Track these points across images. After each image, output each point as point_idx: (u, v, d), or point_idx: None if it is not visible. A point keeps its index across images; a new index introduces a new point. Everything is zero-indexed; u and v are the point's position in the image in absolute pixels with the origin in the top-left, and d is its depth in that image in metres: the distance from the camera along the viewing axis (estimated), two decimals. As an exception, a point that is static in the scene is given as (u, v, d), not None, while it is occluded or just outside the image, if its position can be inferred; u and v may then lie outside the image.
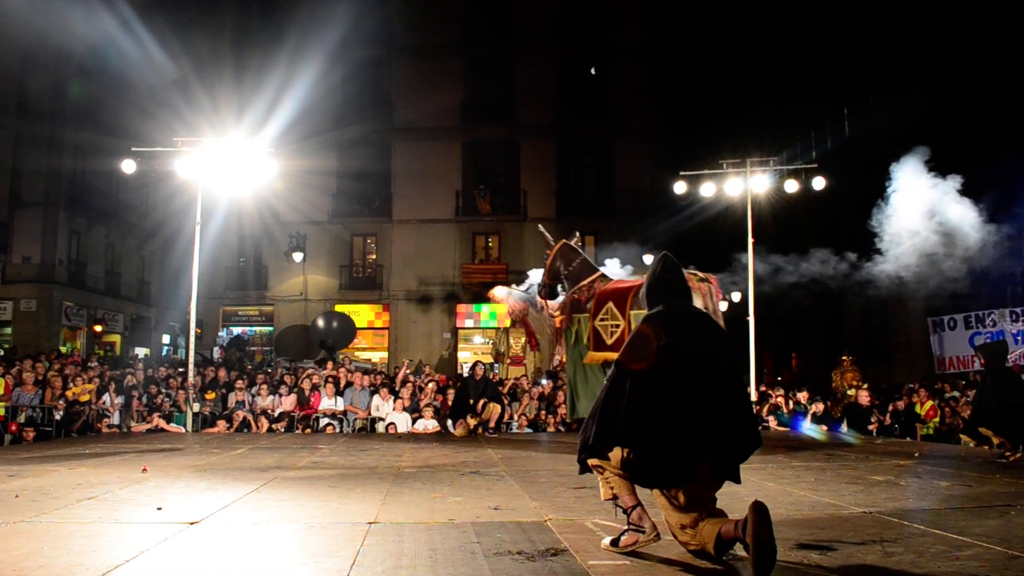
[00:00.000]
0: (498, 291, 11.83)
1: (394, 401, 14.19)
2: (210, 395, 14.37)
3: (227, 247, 27.09)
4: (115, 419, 13.52)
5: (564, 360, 10.74)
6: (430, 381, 15.68)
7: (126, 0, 21.58)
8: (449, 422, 13.38)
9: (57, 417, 12.81)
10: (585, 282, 10.20)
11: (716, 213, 17.80)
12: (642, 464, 3.96)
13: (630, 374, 4.00)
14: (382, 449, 10.08)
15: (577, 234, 11.24)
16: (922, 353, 22.23)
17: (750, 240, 15.31)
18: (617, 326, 9.64)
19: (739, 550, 3.76)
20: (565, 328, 10.25)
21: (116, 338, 28.72)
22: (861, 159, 23.18)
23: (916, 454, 9.47)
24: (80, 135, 24.52)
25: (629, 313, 9.65)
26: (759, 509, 3.48)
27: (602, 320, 9.77)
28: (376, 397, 14.30)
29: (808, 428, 14.06)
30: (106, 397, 13.61)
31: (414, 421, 13.77)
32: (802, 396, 14.75)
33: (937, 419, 13.87)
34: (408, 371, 17.05)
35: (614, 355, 9.60)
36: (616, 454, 4.05)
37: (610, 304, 9.76)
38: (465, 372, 17.33)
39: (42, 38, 23.57)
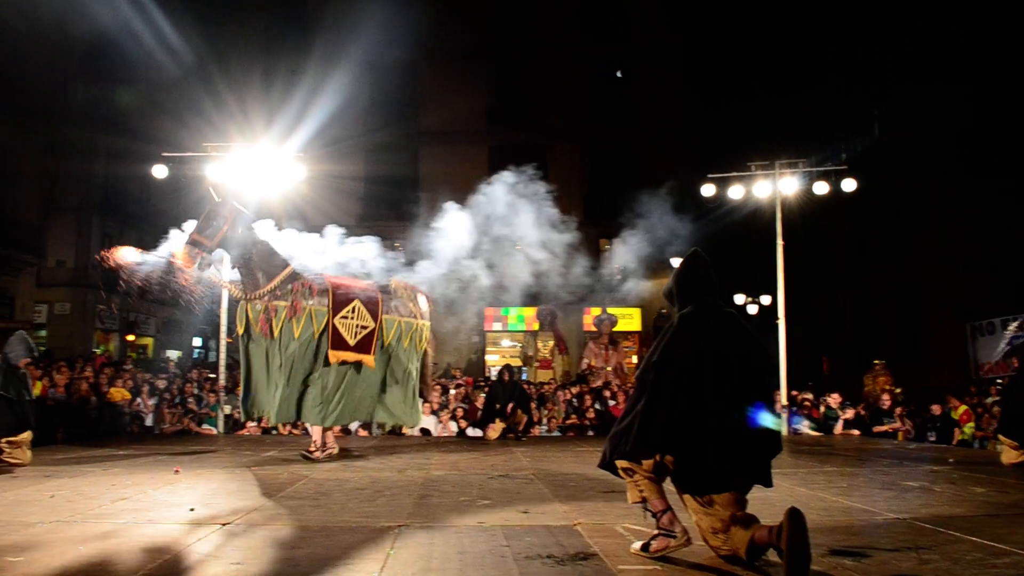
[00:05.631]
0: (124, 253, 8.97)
1: (422, 404, 14.20)
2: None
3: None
4: (148, 421, 13.67)
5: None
6: (457, 385, 15.71)
7: (157, 7, 21.85)
8: (472, 427, 13.40)
9: (91, 417, 13.00)
10: (288, 271, 9.03)
11: (745, 215, 17.69)
12: (683, 469, 3.95)
13: (668, 378, 3.97)
14: (411, 452, 10.11)
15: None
16: (957, 357, 21.95)
17: (779, 242, 15.18)
18: (364, 327, 9.27)
19: (772, 555, 3.73)
20: (295, 315, 8.87)
21: (148, 341, 29.06)
22: (892, 161, 22.96)
23: (951, 459, 9.34)
24: (112, 140, 24.85)
25: (382, 318, 9.45)
26: (795, 516, 3.45)
27: (344, 318, 9.14)
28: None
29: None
30: (139, 399, 13.78)
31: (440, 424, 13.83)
32: (833, 400, 14.61)
33: (972, 424, 13.67)
34: (435, 375, 17.08)
35: (354, 356, 9.12)
36: (647, 458, 4.03)
37: (358, 304, 9.29)
38: (493, 375, 17.34)
39: (75, 45, 23.97)
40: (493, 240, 11.00)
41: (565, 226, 11.13)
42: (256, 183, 14.91)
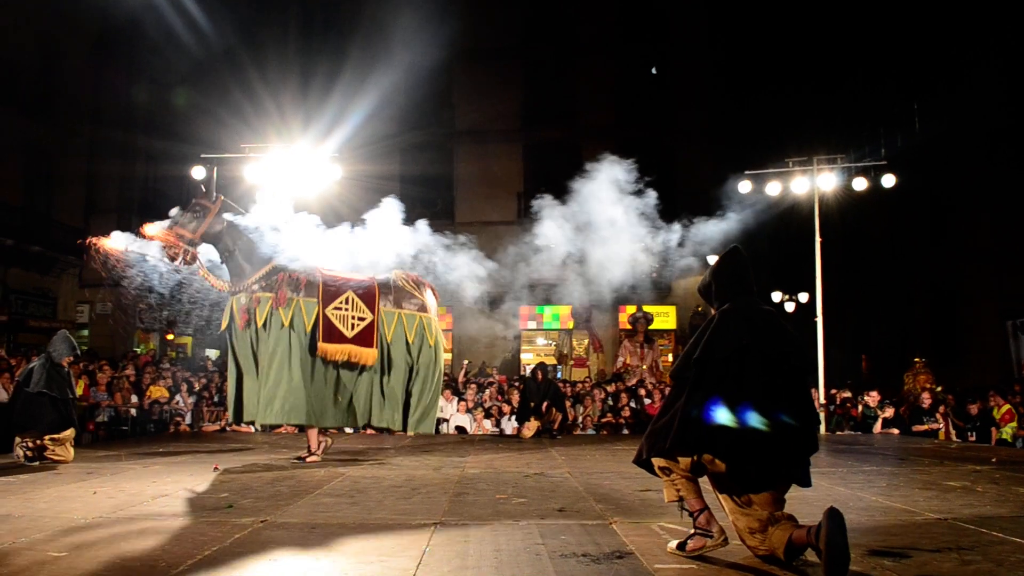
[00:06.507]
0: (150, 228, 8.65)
1: (458, 403, 14.27)
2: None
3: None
4: (188, 419, 13.87)
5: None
6: (491, 384, 15.75)
7: (197, 7, 22.13)
8: (514, 423, 13.42)
9: (132, 413, 13.22)
10: (277, 262, 8.64)
11: (782, 212, 17.54)
12: (726, 469, 3.93)
13: (710, 376, 3.95)
14: (447, 450, 10.15)
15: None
16: (997, 355, 21.59)
17: (817, 239, 15.03)
18: (362, 319, 8.80)
19: (810, 556, 3.70)
20: (280, 306, 8.49)
21: (187, 340, 29.42)
22: (932, 156, 22.61)
23: (993, 459, 9.18)
24: (151, 142, 25.21)
25: (379, 309, 8.96)
26: (834, 516, 3.41)
27: (337, 309, 8.71)
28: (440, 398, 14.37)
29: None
30: (179, 397, 13.98)
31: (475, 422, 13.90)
32: (871, 398, 14.41)
33: (1015, 423, 13.42)
34: (470, 373, 17.14)
35: (354, 348, 8.61)
36: (686, 456, 4.01)
37: (351, 295, 8.86)
38: (527, 374, 17.37)
39: (113, 47, 24.36)
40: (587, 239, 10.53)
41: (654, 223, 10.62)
42: (293, 183, 15.08)
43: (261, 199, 9.04)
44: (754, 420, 3.79)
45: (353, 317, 8.80)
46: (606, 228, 10.05)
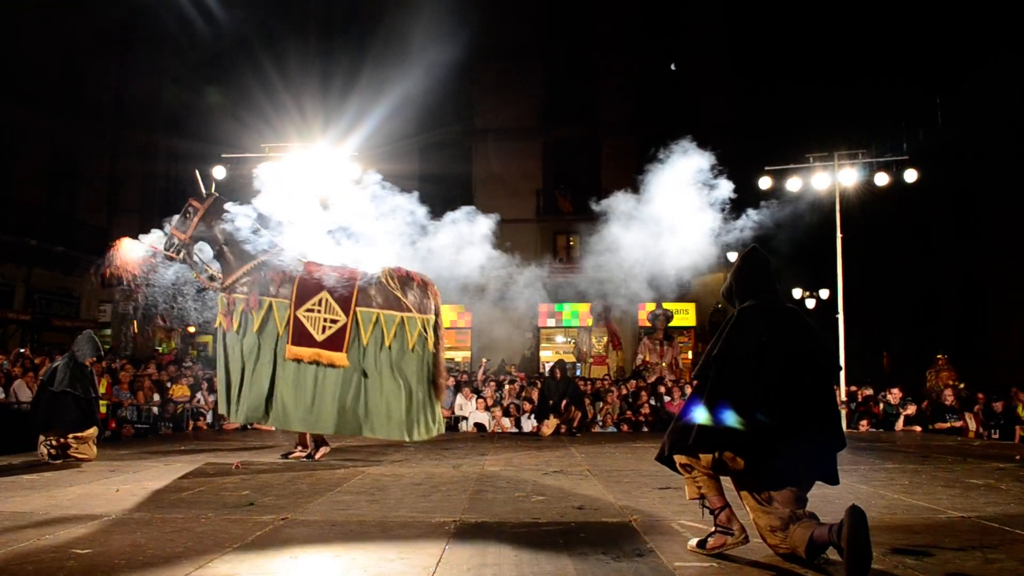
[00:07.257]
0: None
1: (476, 400, 14.29)
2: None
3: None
4: (209, 417, 13.96)
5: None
6: (511, 381, 15.76)
7: (219, 7, 22.27)
8: (533, 420, 13.42)
9: (154, 411, 13.33)
10: (259, 260, 8.53)
11: (803, 208, 17.43)
12: (746, 466, 3.91)
13: (729, 373, 3.93)
14: (466, 448, 10.16)
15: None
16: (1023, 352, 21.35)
17: (838, 235, 14.92)
18: (335, 322, 8.32)
19: (832, 554, 3.67)
20: (252, 308, 8.30)
21: (209, 339, 29.61)
22: (955, 151, 22.40)
23: (1017, 456, 9.08)
24: (173, 142, 25.41)
25: (355, 310, 8.38)
26: (856, 514, 3.39)
27: (309, 311, 8.31)
28: (459, 396, 14.41)
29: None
30: (200, 395, 14.08)
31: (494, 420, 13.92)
32: (892, 396, 14.28)
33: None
34: (488, 370, 17.15)
35: (323, 353, 8.18)
36: (707, 454, 3.99)
37: (325, 295, 8.37)
38: (546, 371, 17.36)
39: (136, 48, 24.56)
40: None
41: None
42: (313, 183, 15.13)
43: (340, 197, 9.16)
44: (772, 417, 3.78)
45: (325, 320, 8.37)
46: (657, 223, 9.92)
